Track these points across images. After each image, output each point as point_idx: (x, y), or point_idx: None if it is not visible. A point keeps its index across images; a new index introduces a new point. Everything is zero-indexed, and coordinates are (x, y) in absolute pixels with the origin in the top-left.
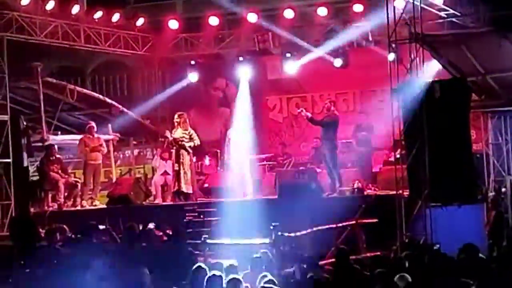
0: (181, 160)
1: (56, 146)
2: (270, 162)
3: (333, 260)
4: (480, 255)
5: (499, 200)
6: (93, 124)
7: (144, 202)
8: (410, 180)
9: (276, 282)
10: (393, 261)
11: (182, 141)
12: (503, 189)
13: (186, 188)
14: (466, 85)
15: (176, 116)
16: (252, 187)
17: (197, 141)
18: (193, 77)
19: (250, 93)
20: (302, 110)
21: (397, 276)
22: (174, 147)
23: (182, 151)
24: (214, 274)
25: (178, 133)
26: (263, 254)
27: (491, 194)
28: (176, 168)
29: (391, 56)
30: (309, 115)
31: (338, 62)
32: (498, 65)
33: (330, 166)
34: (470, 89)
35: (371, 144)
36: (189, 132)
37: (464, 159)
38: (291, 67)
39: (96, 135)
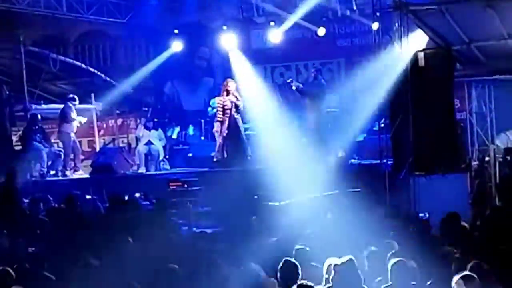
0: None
1: (39, 116)
2: (254, 132)
3: None
4: (464, 223)
5: (482, 169)
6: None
7: (127, 172)
8: (394, 150)
9: None
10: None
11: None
12: (487, 158)
13: None
14: (450, 54)
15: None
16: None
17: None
18: (176, 46)
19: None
20: (291, 81)
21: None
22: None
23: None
24: None
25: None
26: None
27: (475, 163)
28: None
29: (375, 25)
30: (299, 85)
31: (321, 31)
32: (483, 34)
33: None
34: (454, 58)
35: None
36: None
37: (448, 129)
38: (275, 36)
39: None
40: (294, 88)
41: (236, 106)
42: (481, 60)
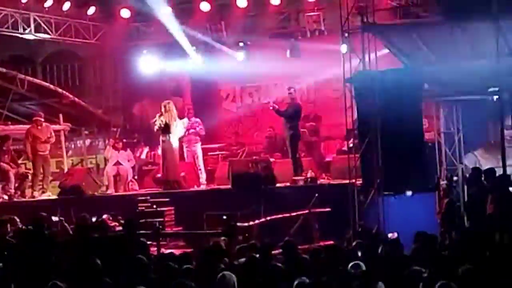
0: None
1: (11, 138)
2: (223, 152)
3: None
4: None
5: (451, 188)
6: (39, 117)
7: (96, 193)
8: (363, 169)
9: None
10: (346, 250)
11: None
12: (455, 178)
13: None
14: (419, 74)
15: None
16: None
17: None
18: (145, 66)
19: (203, 82)
20: (269, 102)
21: (351, 264)
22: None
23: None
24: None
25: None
26: (215, 244)
27: (443, 182)
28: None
29: (344, 46)
30: (276, 106)
31: (289, 53)
32: (450, 54)
33: (290, 154)
34: (422, 78)
35: (319, 134)
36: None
37: (416, 148)
38: (245, 57)
39: (44, 125)
40: (271, 108)
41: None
42: (448, 80)
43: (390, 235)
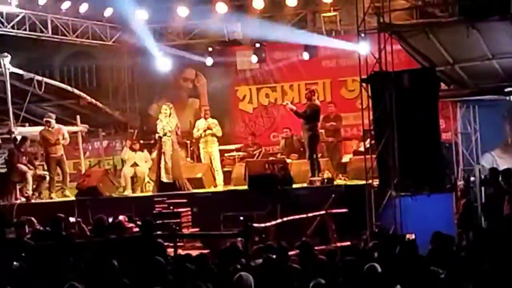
0: (162, 150)
1: (29, 140)
2: (240, 153)
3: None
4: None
5: (468, 189)
6: (49, 118)
7: (113, 194)
8: (380, 170)
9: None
10: (363, 251)
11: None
12: (472, 178)
13: (166, 178)
14: (435, 74)
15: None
16: (222, 178)
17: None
18: (162, 67)
19: (219, 83)
20: (287, 104)
21: (367, 266)
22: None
23: (165, 140)
24: None
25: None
26: (232, 245)
27: (460, 183)
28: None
29: (360, 46)
30: (294, 108)
31: (306, 55)
32: (466, 55)
33: (307, 155)
34: (438, 79)
35: (340, 134)
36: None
37: (433, 149)
38: (261, 57)
39: (56, 126)
40: (289, 110)
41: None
42: (465, 80)
43: (407, 236)
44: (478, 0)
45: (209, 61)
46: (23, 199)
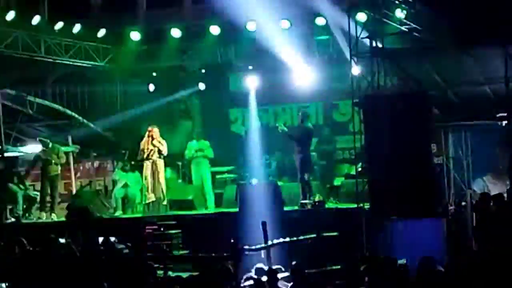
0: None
1: (19, 159)
2: (232, 175)
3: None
4: (440, 268)
5: (459, 213)
6: (43, 138)
7: (104, 215)
8: (371, 194)
9: None
10: (354, 275)
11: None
12: (463, 203)
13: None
14: (427, 98)
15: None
16: (213, 200)
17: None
18: (154, 88)
19: (212, 105)
20: (279, 126)
21: None
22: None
23: (158, 161)
24: None
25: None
26: (223, 267)
27: (451, 207)
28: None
29: (353, 70)
30: (286, 129)
31: (299, 78)
32: (459, 79)
33: (299, 178)
34: (430, 103)
35: (333, 157)
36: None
37: (425, 173)
38: (253, 80)
39: (50, 146)
40: (280, 131)
41: (159, 151)
42: (457, 105)
43: (399, 261)
44: (471, 25)
45: (201, 86)
46: (13, 219)
